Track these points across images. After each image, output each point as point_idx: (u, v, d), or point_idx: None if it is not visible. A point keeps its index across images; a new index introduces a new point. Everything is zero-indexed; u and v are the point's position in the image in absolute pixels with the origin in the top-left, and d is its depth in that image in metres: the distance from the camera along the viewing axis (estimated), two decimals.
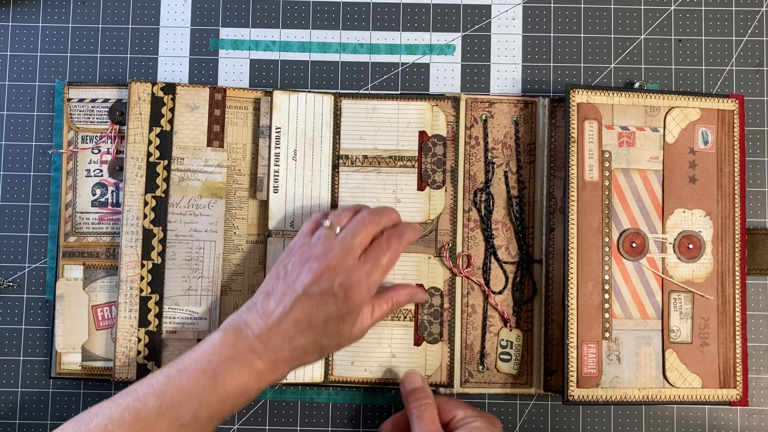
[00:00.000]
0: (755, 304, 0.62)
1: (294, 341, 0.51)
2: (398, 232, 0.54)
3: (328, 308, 0.50)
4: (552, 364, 0.60)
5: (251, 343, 0.50)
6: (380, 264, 0.52)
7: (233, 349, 0.50)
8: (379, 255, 0.52)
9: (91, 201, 0.61)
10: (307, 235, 0.54)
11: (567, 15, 0.64)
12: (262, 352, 0.50)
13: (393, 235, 0.53)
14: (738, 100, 0.61)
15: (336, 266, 0.50)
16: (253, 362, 0.50)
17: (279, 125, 0.61)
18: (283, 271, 0.52)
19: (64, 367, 0.60)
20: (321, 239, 0.52)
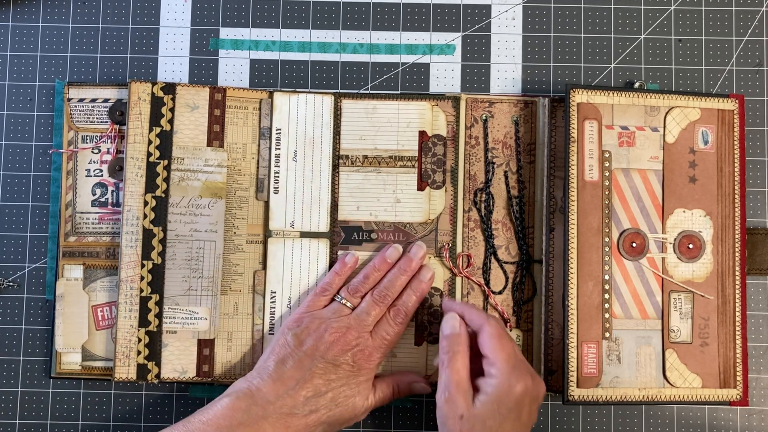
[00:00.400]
0: (755, 304, 0.62)
1: (311, 407, 0.53)
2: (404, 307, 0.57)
3: (345, 377, 0.54)
4: (552, 364, 0.60)
5: (264, 410, 0.52)
6: (387, 339, 0.56)
7: (244, 415, 0.51)
8: (387, 332, 0.56)
9: (91, 201, 0.61)
10: (316, 307, 0.58)
11: (567, 15, 0.64)
12: (275, 418, 0.52)
13: (398, 314, 0.57)
14: (738, 100, 0.61)
15: (353, 339, 0.55)
16: (264, 429, 0.51)
17: (279, 126, 0.61)
18: (296, 341, 0.55)
19: (64, 367, 0.60)
20: (336, 313, 0.56)
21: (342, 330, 0.55)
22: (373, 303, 0.57)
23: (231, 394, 0.52)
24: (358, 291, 0.58)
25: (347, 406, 0.54)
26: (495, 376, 0.51)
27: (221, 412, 0.51)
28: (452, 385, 0.52)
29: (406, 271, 0.58)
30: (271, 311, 0.60)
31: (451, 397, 0.51)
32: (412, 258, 0.59)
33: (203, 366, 0.60)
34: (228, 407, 0.51)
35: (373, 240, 0.61)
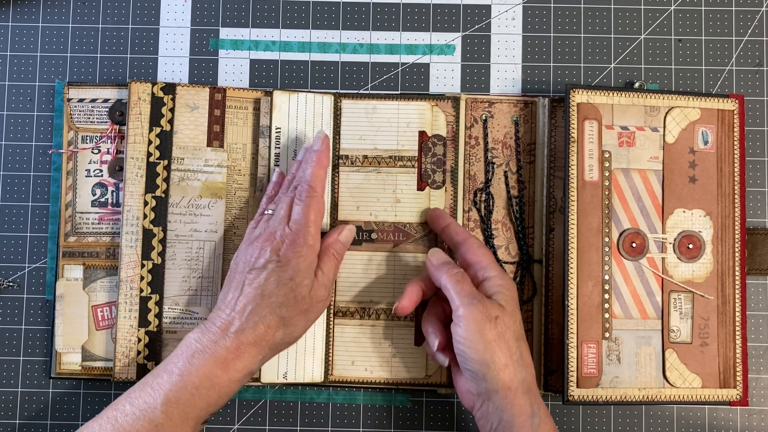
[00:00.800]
0: (755, 304, 0.62)
1: (253, 317, 0.52)
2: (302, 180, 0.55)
3: (274, 275, 0.52)
4: (552, 364, 0.60)
5: (213, 335, 0.51)
6: (304, 219, 0.54)
7: (197, 344, 0.51)
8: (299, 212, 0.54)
9: (91, 201, 0.61)
10: (252, 229, 0.56)
11: (567, 15, 0.64)
12: (224, 339, 0.51)
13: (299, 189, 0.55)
14: (738, 100, 0.61)
15: (272, 236, 0.53)
16: (216, 351, 0.51)
17: (279, 125, 0.61)
18: (234, 266, 0.55)
19: (64, 367, 0.60)
20: (260, 225, 0.56)
21: (263, 234, 0.54)
22: (282, 196, 0.56)
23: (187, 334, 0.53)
24: (274, 197, 0.57)
25: (290, 303, 0.52)
26: (494, 276, 0.54)
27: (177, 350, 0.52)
28: (476, 294, 0.52)
29: (305, 157, 0.57)
30: None
31: (481, 302, 0.52)
32: (312, 146, 0.57)
33: None
34: (183, 344, 0.52)
35: (373, 240, 0.61)
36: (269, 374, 0.59)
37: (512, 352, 0.51)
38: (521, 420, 0.50)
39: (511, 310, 0.52)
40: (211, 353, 0.51)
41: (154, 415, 0.49)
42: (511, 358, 0.51)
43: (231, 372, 0.51)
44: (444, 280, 0.53)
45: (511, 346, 0.51)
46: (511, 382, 0.50)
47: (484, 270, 0.54)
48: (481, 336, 0.50)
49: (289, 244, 0.53)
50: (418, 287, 0.56)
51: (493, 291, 0.53)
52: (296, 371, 0.60)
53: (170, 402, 0.49)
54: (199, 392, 0.50)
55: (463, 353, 0.51)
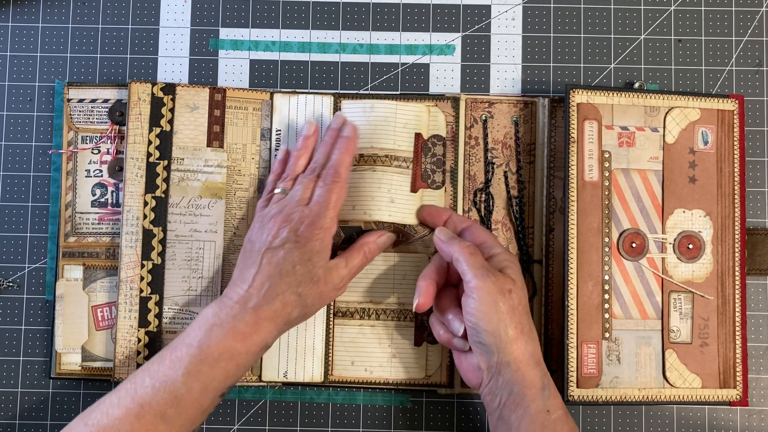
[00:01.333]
0: (755, 304, 0.62)
1: (270, 293, 0.52)
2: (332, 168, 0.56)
3: (292, 254, 0.53)
4: (552, 364, 0.60)
5: (231, 309, 0.52)
6: (329, 204, 0.54)
7: (215, 318, 0.52)
8: (324, 196, 0.54)
9: (91, 201, 0.61)
10: (263, 208, 0.57)
11: (567, 15, 0.64)
12: (243, 314, 0.52)
13: (329, 175, 0.55)
14: (738, 100, 0.61)
15: (289, 216, 0.54)
16: (235, 326, 0.51)
17: (279, 128, 0.61)
18: (249, 244, 0.55)
19: (64, 368, 0.60)
20: (275, 204, 0.56)
21: (279, 213, 0.54)
22: (303, 179, 0.56)
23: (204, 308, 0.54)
24: (289, 177, 0.57)
25: (307, 284, 0.53)
26: (501, 252, 0.55)
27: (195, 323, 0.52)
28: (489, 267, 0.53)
29: (329, 141, 0.58)
30: None
31: (495, 275, 0.52)
32: (333, 126, 0.58)
33: None
34: (201, 317, 0.52)
35: None
36: (269, 373, 0.59)
37: (523, 325, 0.52)
38: (532, 392, 0.50)
39: (521, 284, 0.54)
40: (229, 327, 0.51)
41: (174, 386, 0.50)
42: (522, 331, 0.51)
43: (249, 345, 0.52)
44: (456, 253, 0.53)
45: (522, 319, 0.52)
46: (522, 355, 0.51)
47: (491, 248, 0.55)
48: (495, 308, 0.51)
49: (308, 225, 0.53)
50: (431, 281, 0.56)
51: (503, 265, 0.54)
52: (296, 371, 0.60)
53: (191, 374, 0.50)
54: (219, 364, 0.51)
55: (476, 325, 0.51)
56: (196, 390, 0.50)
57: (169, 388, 0.50)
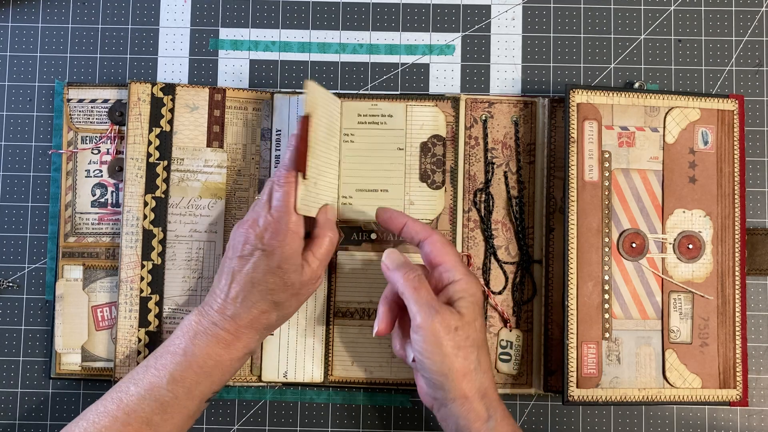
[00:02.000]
0: (755, 304, 0.62)
1: (246, 304, 0.53)
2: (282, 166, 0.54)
3: (261, 264, 0.52)
4: (552, 364, 0.60)
5: (212, 317, 0.53)
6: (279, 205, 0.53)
7: (198, 326, 0.53)
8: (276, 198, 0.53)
9: (91, 201, 0.61)
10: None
11: (567, 15, 0.64)
12: (224, 322, 0.53)
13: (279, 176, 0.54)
14: (738, 100, 0.61)
15: (256, 222, 0.53)
16: (217, 333, 0.52)
17: (279, 128, 0.61)
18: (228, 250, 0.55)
19: (64, 368, 0.60)
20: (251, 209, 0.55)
21: (248, 219, 0.54)
22: (267, 181, 0.55)
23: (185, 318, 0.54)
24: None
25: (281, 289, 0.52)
26: (458, 278, 0.52)
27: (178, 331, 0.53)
28: (435, 303, 0.50)
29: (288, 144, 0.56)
30: None
31: (440, 313, 0.50)
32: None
33: None
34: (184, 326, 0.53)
35: (372, 240, 0.61)
36: (269, 374, 0.59)
37: (470, 361, 0.50)
38: (477, 425, 0.50)
39: (471, 317, 0.51)
40: (212, 334, 0.52)
41: (160, 393, 0.51)
42: (469, 367, 0.50)
43: (232, 351, 0.53)
44: (401, 286, 0.52)
45: (469, 355, 0.50)
46: (468, 391, 0.50)
47: (449, 272, 0.52)
48: (440, 348, 0.49)
49: (273, 233, 0.52)
50: (391, 304, 0.54)
51: (456, 297, 0.51)
52: (296, 371, 0.60)
53: (176, 380, 0.51)
54: (203, 371, 0.52)
55: (421, 363, 0.51)
56: (181, 396, 0.51)
57: (154, 395, 0.51)
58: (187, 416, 0.52)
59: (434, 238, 0.53)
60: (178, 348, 0.52)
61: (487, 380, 0.51)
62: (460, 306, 0.51)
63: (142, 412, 0.50)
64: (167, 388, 0.51)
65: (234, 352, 0.53)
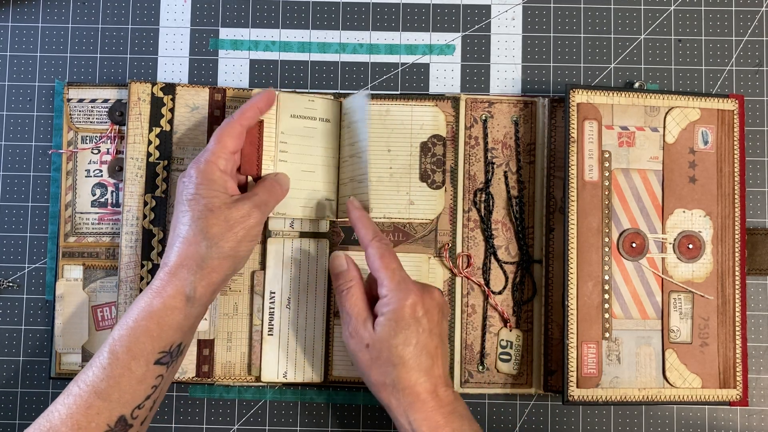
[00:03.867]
0: (755, 304, 0.62)
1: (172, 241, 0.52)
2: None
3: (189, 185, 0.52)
4: (552, 364, 0.60)
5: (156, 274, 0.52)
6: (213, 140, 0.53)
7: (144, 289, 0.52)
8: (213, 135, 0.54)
9: (91, 201, 0.61)
10: None
11: (567, 15, 0.64)
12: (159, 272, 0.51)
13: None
14: (738, 100, 0.61)
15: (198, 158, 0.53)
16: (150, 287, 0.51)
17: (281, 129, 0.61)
18: None
19: (64, 368, 0.60)
20: None
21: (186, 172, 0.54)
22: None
23: None
24: None
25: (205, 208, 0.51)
26: (385, 294, 0.52)
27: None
28: (352, 319, 0.53)
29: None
30: (270, 311, 0.60)
31: (353, 330, 0.53)
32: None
33: (203, 366, 0.60)
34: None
35: None
36: (269, 374, 0.59)
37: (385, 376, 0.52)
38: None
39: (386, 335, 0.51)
40: (146, 289, 0.51)
41: (101, 359, 0.49)
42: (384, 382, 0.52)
43: (165, 298, 0.50)
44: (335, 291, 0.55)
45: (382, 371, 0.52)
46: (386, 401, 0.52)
47: (380, 287, 0.53)
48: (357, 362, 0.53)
49: (195, 160, 0.53)
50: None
51: (379, 313, 0.52)
52: (296, 371, 0.60)
53: (114, 342, 0.49)
54: (138, 325, 0.49)
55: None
56: (121, 356, 0.49)
57: (97, 363, 0.49)
58: (135, 380, 0.49)
59: (368, 250, 0.54)
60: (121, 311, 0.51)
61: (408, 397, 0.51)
62: (378, 323, 0.52)
63: (90, 381, 0.48)
64: (107, 351, 0.49)
65: (167, 299, 0.50)
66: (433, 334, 0.52)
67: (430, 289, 0.54)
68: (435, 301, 0.53)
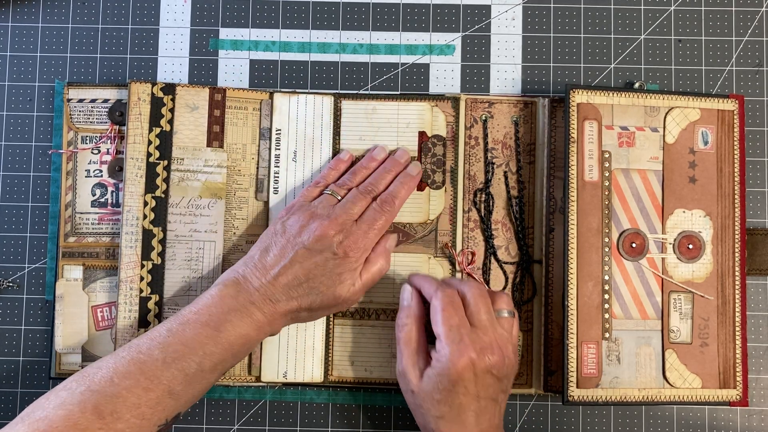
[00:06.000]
0: (755, 304, 0.62)
1: (291, 293, 0.53)
2: (391, 196, 0.58)
3: (327, 264, 0.53)
4: (552, 364, 0.60)
5: (251, 296, 0.52)
6: (375, 226, 0.56)
7: (233, 301, 0.52)
8: (374, 219, 0.56)
9: (91, 201, 0.61)
10: (308, 198, 0.57)
11: (567, 15, 0.64)
12: (262, 304, 0.52)
13: (386, 202, 0.57)
14: (738, 100, 0.61)
15: (337, 227, 0.54)
16: (253, 313, 0.52)
17: (279, 127, 0.61)
18: (282, 228, 0.55)
19: (64, 368, 0.60)
20: (323, 203, 0.56)
21: (326, 218, 0.54)
22: (358, 194, 0.57)
23: (219, 284, 0.53)
24: (346, 185, 0.58)
25: (327, 295, 0.54)
26: (439, 349, 0.52)
27: (211, 301, 0.52)
28: (403, 360, 0.53)
29: (392, 170, 0.59)
30: None
31: (402, 371, 0.53)
32: (398, 159, 0.60)
33: None
34: (217, 296, 0.52)
35: None
36: (269, 374, 0.59)
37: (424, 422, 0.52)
38: None
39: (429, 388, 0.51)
40: (248, 314, 0.52)
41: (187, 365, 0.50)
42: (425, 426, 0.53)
43: (261, 334, 0.53)
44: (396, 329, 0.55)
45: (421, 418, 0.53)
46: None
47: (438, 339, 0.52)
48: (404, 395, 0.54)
49: (353, 240, 0.54)
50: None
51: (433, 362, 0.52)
52: (296, 371, 0.60)
53: (206, 355, 0.50)
54: (232, 348, 0.52)
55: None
56: (207, 370, 0.51)
57: (181, 366, 0.50)
58: (206, 387, 0.52)
59: (432, 302, 0.53)
60: (210, 320, 0.51)
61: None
62: (426, 374, 0.52)
63: (165, 380, 0.49)
64: (196, 361, 0.50)
65: (261, 335, 0.53)
66: (481, 397, 0.51)
67: (491, 349, 0.51)
68: (492, 365, 0.51)
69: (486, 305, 0.53)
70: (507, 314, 0.54)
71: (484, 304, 0.53)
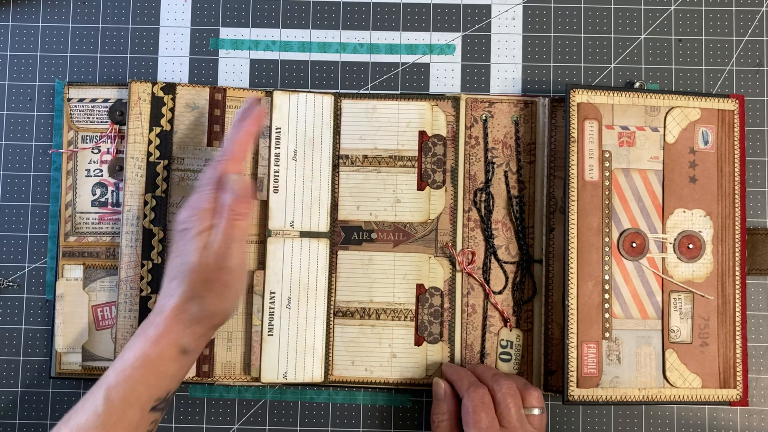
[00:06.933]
0: (755, 304, 0.62)
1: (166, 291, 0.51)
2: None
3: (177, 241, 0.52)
4: (552, 364, 0.60)
5: (149, 318, 0.51)
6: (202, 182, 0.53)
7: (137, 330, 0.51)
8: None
9: (91, 201, 0.61)
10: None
11: (567, 15, 0.64)
12: (153, 316, 0.50)
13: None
14: (738, 100, 0.61)
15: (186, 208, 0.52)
16: (146, 330, 0.50)
17: (279, 126, 0.61)
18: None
19: (64, 367, 0.60)
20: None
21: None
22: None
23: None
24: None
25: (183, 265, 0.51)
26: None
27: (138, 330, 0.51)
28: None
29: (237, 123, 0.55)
30: (270, 311, 0.60)
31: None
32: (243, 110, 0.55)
33: (203, 366, 0.60)
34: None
35: (373, 240, 0.61)
36: (269, 374, 0.59)
37: None
38: None
39: None
40: (142, 333, 0.50)
41: (95, 405, 0.48)
42: None
43: (159, 347, 0.49)
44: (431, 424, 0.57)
45: None
46: None
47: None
48: None
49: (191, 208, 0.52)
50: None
51: None
52: (296, 371, 0.60)
53: (110, 388, 0.48)
54: (135, 372, 0.49)
55: None
56: (116, 402, 0.48)
57: (90, 408, 0.48)
58: (130, 428, 0.48)
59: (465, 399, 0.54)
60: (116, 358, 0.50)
61: None
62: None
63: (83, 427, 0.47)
64: (102, 396, 0.48)
65: (162, 349, 0.49)
66: None
67: None
68: None
69: (516, 404, 0.54)
70: (538, 411, 0.55)
71: (514, 404, 0.54)
